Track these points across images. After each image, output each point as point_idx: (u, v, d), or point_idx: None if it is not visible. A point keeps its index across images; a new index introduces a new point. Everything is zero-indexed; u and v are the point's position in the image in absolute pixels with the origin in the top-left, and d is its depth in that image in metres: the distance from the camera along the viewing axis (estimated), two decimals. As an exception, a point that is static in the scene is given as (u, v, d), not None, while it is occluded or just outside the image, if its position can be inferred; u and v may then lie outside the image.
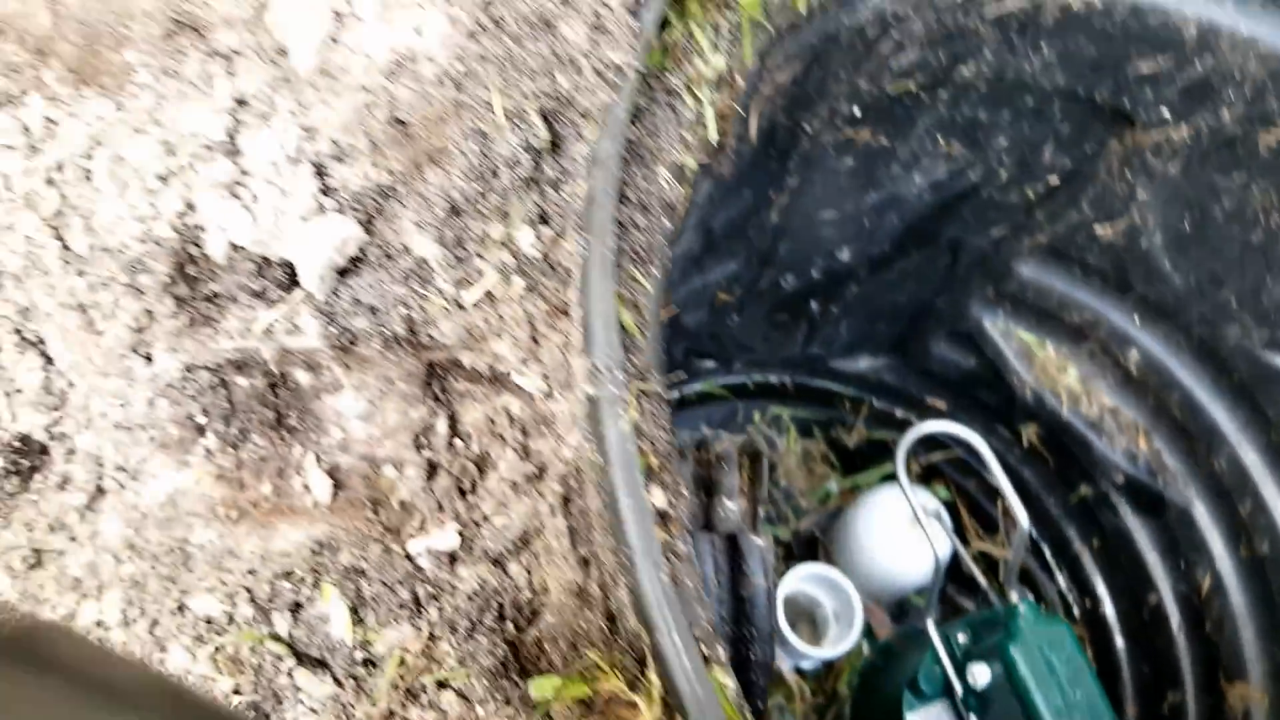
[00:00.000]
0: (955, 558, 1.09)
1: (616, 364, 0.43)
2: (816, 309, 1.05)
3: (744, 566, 0.58)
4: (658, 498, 0.46)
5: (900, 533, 1.05)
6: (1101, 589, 1.16)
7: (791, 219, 0.91)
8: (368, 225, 0.54)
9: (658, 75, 0.53)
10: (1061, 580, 1.18)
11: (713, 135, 0.54)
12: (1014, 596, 1.07)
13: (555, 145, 0.51)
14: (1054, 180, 0.90)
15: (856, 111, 0.81)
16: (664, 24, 0.53)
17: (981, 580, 1.07)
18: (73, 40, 0.56)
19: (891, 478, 1.21)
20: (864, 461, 1.24)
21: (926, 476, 1.24)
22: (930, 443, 1.14)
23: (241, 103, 0.56)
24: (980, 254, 0.98)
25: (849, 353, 1.15)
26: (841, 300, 1.04)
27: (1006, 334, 1.04)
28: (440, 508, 0.53)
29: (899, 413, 1.19)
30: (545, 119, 0.50)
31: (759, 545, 0.55)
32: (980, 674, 0.85)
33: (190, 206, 0.54)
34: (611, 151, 0.47)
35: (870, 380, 1.18)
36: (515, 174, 0.50)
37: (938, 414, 1.17)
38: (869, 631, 1.11)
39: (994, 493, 1.19)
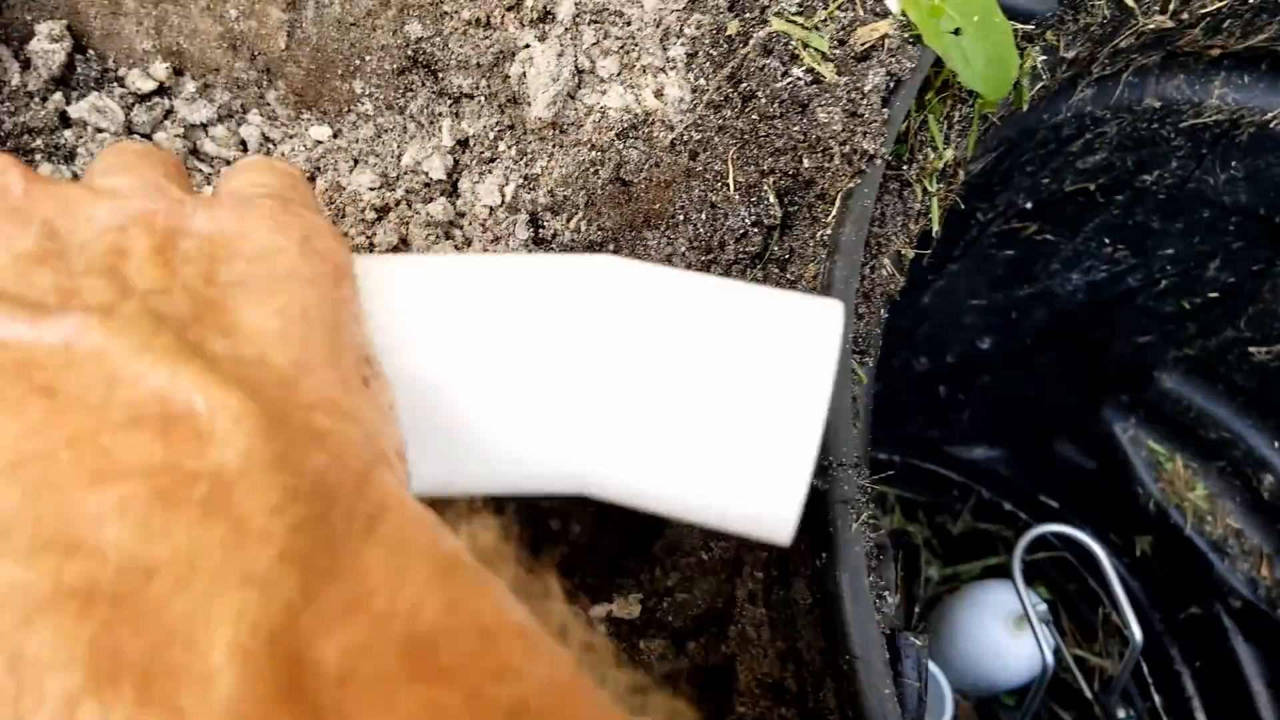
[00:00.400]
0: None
1: (852, 461, 0.42)
2: (944, 393, 1.04)
3: (898, 665, 0.56)
4: (869, 600, 0.44)
5: (1005, 631, 1.02)
6: (1200, 713, 1.12)
7: (939, 302, 0.90)
8: (577, 280, 0.54)
9: (892, 165, 0.52)
10: (1158, 698, 1.14)
11: (936, 227, 0.53)
12: (1120, 714, 1.04)
13: (786, 225, 0.50)
14: (1213, 294, 0.88)
15: (1029, 205, 0.80)
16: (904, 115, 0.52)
17: (1087, 691, 1.04)
18: (303, 64, 0.57)
19: (993, 571, 1.18)
20: (966, 551, 1.21)
21: (1027, 575, 1.21)
22: (1036, 541, 1.12)
23: (465, 145, 0.56)
24: (1122, 359, 0.96)
25: (966, 440, 1.12)
26: (971, 388, 1.03)
27: (1136, 442, 1.01)
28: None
29: (1007, 506, 1.17)
30: (779, 197, 0.50)
31: (915, 645, 0.53)
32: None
33: (404, 242, 0.54)
34: (854, 239, 0.46)
35: (983, 470, 1.15)
36: (742, 249, 0.50)
37: (1050, 512, 1.14)
38: (956, 729, 1.08)
39: (1095, 599, 1.15)
